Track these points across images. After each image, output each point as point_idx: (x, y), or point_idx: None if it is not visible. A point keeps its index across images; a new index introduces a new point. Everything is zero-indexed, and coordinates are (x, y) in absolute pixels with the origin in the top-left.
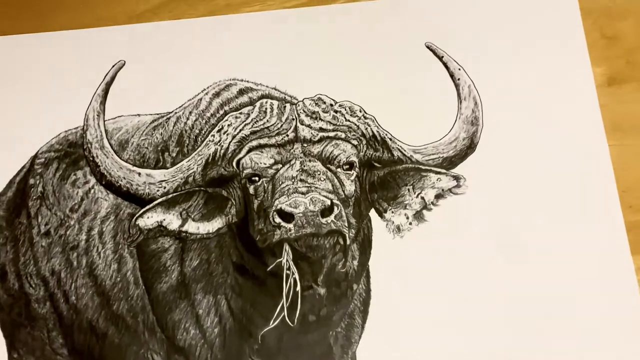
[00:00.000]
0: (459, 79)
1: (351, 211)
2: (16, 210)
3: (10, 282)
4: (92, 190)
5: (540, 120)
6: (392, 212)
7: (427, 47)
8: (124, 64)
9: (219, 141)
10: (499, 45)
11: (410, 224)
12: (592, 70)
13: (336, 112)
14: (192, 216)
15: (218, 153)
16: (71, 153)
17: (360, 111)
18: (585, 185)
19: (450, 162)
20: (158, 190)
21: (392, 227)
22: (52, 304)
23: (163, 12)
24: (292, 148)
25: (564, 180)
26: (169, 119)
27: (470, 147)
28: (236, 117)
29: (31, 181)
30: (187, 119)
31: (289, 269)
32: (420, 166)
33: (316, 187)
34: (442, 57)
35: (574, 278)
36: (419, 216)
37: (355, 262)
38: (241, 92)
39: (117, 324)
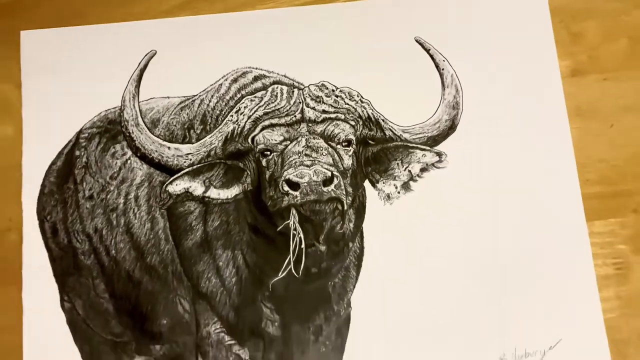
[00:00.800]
0: (443, 69)
1: (349, 181)
2: (64, 177)
3: (60, 237)
4: (128, 161)
5: (512, 105)
6: (383, 183)
7: (416, 41)
8: (155, 53)
9: (237, 121)
10: (478, 41)
11: (399, 192)
12: (559, 63)
13: (337, 96)
14: (214, 184)
15: (236, 131)
16: (111, 129)
17: (358, 96)
18: (549, 161)
19: (433, 141)
20: (185, 162)
21: (383, 195)
22: (95, 257)
23: (187, 8)
24: (299, 127)
25: (531, 156)
26: (194, 101)
27: (451, 127)
28: (251, 100)
29: (77, 153)
30: (210, 101)
31: (295, 229)
32: (408, 144)
33: (319, 161)
34: (429, 50)
35: (537, 237)
36: (406, 186)
37: (351, 225)
38: (256, 78)
39: (150, 274)
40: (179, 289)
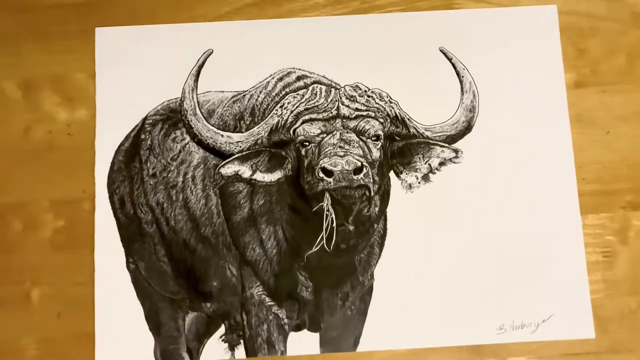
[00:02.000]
0: (463, 76)
1: (376, 171)
2: (131, 157)
3: (127, 208)
4: (187, 146)
5: (522, 112)
6: (406, 174)
7: (440, 50)
8: (212, 52)
9: (281, 114)
10: (495, 53)
11: (419, 183)
12: (564, 75)
13: (369, 97)
14: (260, 169)
15: (280, 123)
16: (172, 117)
17: (387, 97)
18: (551, 161)
19: (451, 139)
20: (235, 148)
21: (406, 185)
22: (157, 226)
23: (241, 13)
24: (335, 122)
25: (536, 156)
26: (244, 96)
27: (467, 128)
28: (294, 97)
29: (142, 136)
30: (258, 96)
31: (328, 210)
32: (429, 141)
33: (351, 152)
34: (451, 59)
35: (538, 226)
36: (425, 177)
37: (377, 209)
38: (298, 78)
39: (204, 243)
40: (227, 256)
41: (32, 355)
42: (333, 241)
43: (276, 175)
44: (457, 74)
